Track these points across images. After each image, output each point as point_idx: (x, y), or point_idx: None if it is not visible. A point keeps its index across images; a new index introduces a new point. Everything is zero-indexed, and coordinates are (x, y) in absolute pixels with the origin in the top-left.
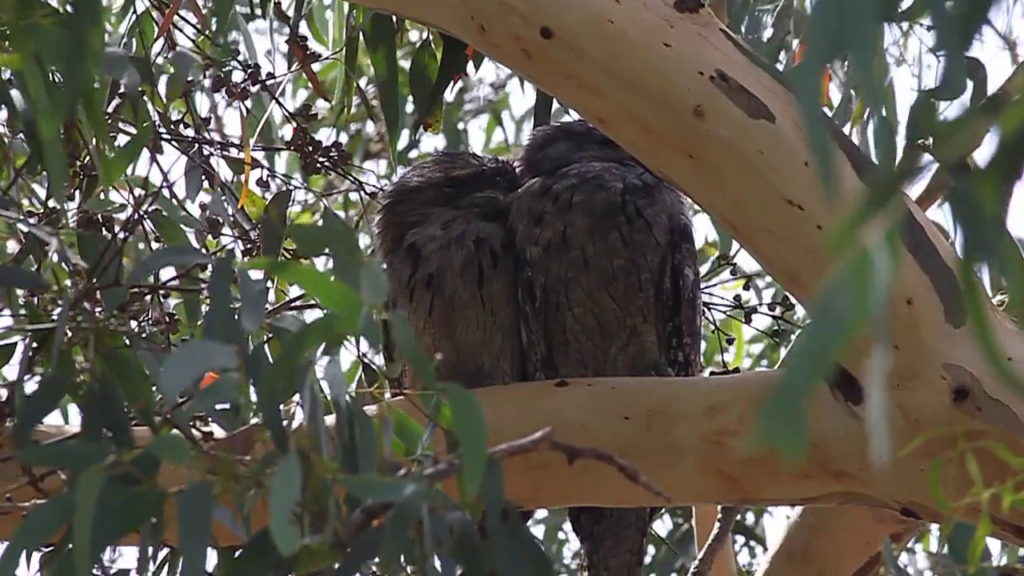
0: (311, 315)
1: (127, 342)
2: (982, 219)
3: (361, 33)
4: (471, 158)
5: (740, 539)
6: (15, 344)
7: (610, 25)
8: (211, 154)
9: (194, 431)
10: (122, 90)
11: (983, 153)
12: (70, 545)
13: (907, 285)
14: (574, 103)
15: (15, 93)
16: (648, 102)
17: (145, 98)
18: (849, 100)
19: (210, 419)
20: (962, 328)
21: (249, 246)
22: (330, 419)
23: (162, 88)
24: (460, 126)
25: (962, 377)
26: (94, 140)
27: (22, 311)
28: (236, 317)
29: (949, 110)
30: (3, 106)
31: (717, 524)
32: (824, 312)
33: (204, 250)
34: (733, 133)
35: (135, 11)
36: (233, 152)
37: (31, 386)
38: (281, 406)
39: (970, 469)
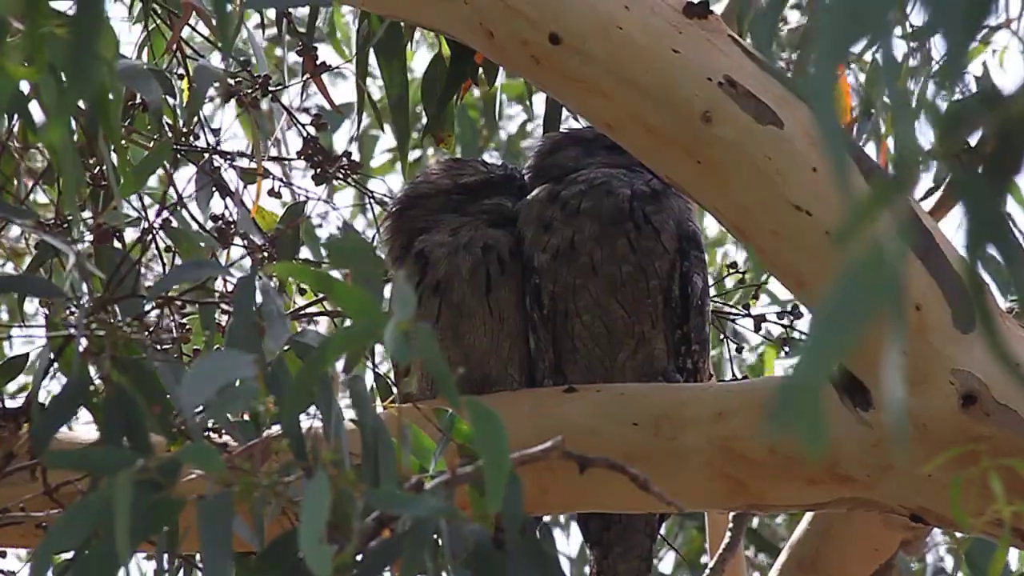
0: (321, 325)
1: (143, 352)
2: (989, 202)
3: (373, 47)
4: (480, 165)
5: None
6: (27, 355)
7: (618, 31)
8: (221, 166)
9: (209, 441)
10: (137, 100)
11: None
12: (86, 552)
13: (916, 291)
14: (581, 108)
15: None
16: (656, 107)
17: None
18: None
19: (223, 431)
20: (970, 334)
21: (261, 257)
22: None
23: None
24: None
25: (970, 382)
26: (110, 151)
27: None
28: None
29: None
30: (19, 117)
31: (728, 533)
32: (838, 299)
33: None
34: (741, 138)
35: (146, 25)
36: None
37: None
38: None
39: (994, 487)
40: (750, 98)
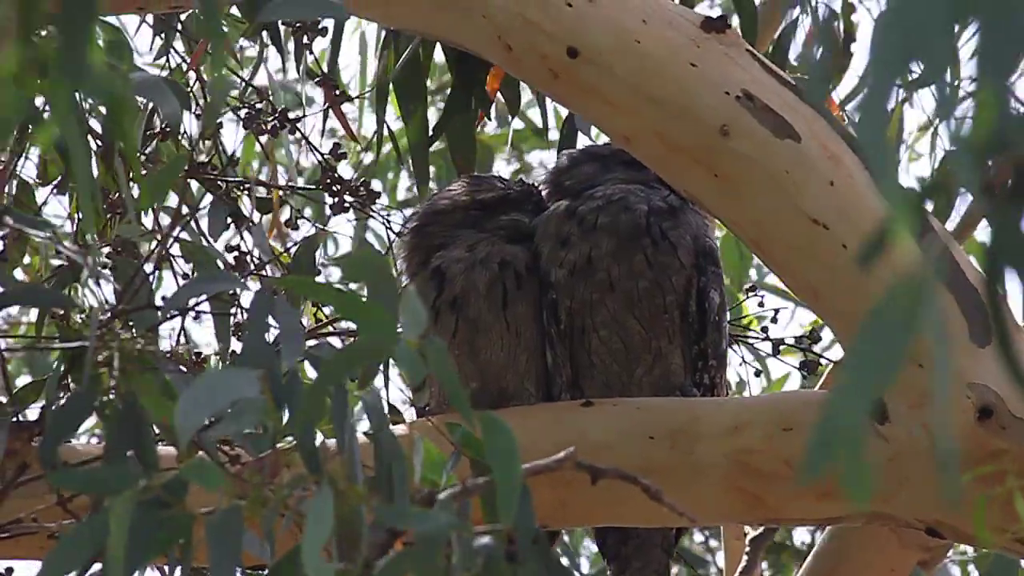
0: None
1: (155, 363)
2: (1013, 227)
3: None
4: (497, 181)
5: None
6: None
7: (636, 45)
8: (238, 196)
9: (221, 454)
10: (159, 128)
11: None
12: (97, 566)
13: None
14: (599, 121)
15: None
16: (674, 121)
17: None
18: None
19: (236, 444)
20: (987, 347)
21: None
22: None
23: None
24: None
25: (986, 396)
26: (126, 166)
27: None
28: (272, 344)
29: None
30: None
31: (745, 556)
32: (870, 343)
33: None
34: (759, 152)
35: (168, 60)
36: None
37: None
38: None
39: (1018, 507)
40: (768, 112)
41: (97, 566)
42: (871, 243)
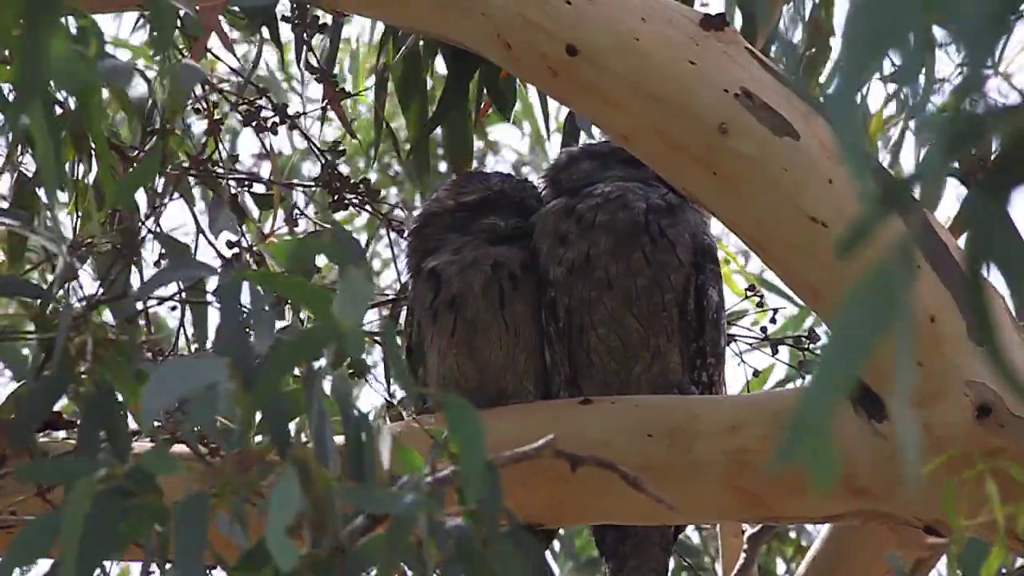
0: None
1: (129, 350)
2: (993, 222)
3: (390, 77)
4: (479, 182)
5: None
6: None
7: (635, 43)
8: (237, 193)
9: (203, 445)
10: (153, 128)
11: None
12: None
13: (930, 302)
14: (598, 119)
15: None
16: (673, 119)
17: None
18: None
19: (207, 438)
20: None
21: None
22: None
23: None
24: None
25: (985, 394)
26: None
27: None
28: (246, 332)
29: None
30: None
31: (743, 553)
32: (842, 330)
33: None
34: (757, 150)
35: (168, 58)
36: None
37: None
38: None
39: (988, 489)
40: (767, 110)
41: None
42: (850, 233)
